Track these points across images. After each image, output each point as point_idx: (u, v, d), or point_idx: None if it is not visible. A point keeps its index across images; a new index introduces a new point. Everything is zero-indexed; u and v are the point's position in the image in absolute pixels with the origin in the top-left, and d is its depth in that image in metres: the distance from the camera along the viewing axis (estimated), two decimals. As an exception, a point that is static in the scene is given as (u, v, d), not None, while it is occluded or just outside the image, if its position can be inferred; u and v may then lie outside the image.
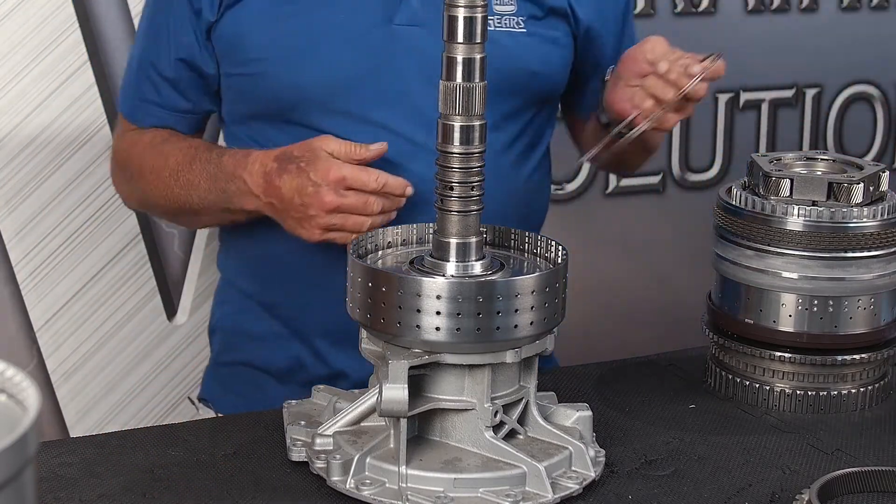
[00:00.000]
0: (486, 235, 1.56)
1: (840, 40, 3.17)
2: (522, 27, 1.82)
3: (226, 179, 1.74)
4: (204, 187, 1.77)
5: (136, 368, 2.57)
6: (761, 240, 1.72)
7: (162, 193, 1.82)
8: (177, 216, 1.93)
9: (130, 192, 1.92)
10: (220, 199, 1.76)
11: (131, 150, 1.87)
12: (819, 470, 1.52)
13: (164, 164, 1.81)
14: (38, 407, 0.76)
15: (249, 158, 1.73)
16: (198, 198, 1.78)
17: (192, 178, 1.78)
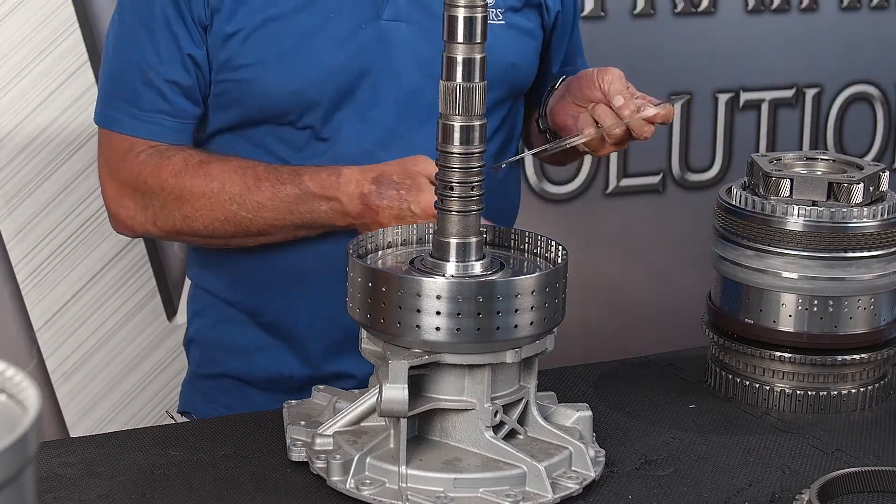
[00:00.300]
0: (486, 235, 1.56)
1: (840, 40, 3.17)
2: (501, 19, 1.84)
3: (314, 199, 1.70)
4: (281, 208, 1.72)
5: (136, 368, 2.57)
6: (761, 240, 1.72)
7: (219, 216, 1.74)
8: (233, 238, 1.79)
9: (157, 217, 1.78)
10: (304, 219, 1.72)
11: (160, 174, 1.76)
12: (819, 470, 1.52)
13: (221, 188, 1.73)
14: (38, 407, 0.76)
15: (342, 179, 1.69)
16: (271, 219, 1.73)
17: (263, 200, 1.72)
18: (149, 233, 1.82)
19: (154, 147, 1.78)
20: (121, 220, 1.83)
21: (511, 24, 1.85)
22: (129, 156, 1.79)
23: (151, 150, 1.78)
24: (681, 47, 3.00)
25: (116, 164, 1.80)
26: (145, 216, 1.79)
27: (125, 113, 1.79)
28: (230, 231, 1.76)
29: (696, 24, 3.00)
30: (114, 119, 1.80)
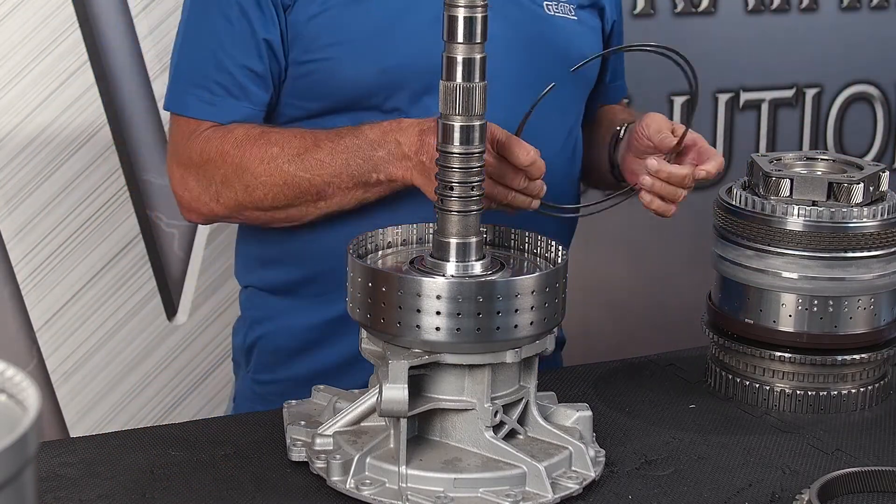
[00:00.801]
0: (486, 235, 1.56)
1: (840, 40, 3.17)
2: (574, 15, 1.88)
3: (372, 147, 1.68)
4: (339, 161, 1.69)
5: (136, 368, 2.57)
6: (761, 240, 1.72)
7: (277, 181, 1.71)
8: (291, 206, 1.75)
9: (219, 193, 1.76)
10: (361, 170, 1.68)
11: (222, 146, 1.74)
12: (819, 470, 1.52)
13: (280, 151, 1.71)
14: (38, 407, 0.76)
15: (402, 123, 1.68)
16: (329, 175, 1.70)
17: (321, 157, 1.69)
18: (214, 213, 1.79)
19: (218, 125, 1.77)
20: (186, 204, 1.81)
21: (582, 21, 1.89)
22: (194, 135, 1.77)
23: (216, 127, 1.77)
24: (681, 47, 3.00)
25: (182, 146, 1.79)
26: (209, 194, 1.77)
27: (196, 97, 1.78)
28: (289, 196, 1.73)
29: (696, 24, 3.00)
30: (184, 103, 1.79)
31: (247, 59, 1.76)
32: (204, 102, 1.77)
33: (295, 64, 1.77)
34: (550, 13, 1.85)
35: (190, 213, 1.82)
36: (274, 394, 1.91)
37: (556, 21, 1.85)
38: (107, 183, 2.46)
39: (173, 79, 1.82)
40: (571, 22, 1.87)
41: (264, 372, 1.94)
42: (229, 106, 1.77)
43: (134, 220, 2.49)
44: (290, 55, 1.77)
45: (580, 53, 1.85)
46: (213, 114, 1.77)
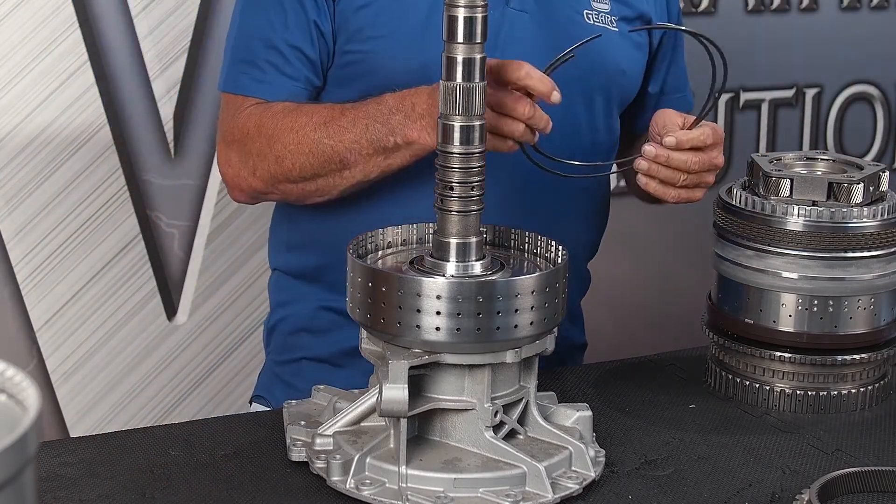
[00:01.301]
0: (486, 235, 1.56)
1: (840, 40, 3.17)
2: (615, 27, 1.88)
3: (390, 111, 1.69)
4: (360, 127, 1.71)
5: (136, 368, 2.57)
6: (761, 240, 1.72)
7: (304, 150, 1.73)
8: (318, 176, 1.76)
9: (255, 166, 1.79)
10: (379, 134, 1.70)
11: (260, 120, 1.77)
12: (819, 470, 1.52)
13: (309, 120, 1.74)
14: (38, 407, 0.76)
15: (419, 88, 1.69)
16: (350, 142, 1.71)
17: (344, 123, 1.72)
18: (253, 188, 1.81)
19: (261, 102, 1.80)
20: (229, 181, 1.83)
21: (623, 33, 1.88)
22: (238, 112, 1.81)
23: (258, 104, 1.80)
24: (681, 47, 3.00)
25: (227, 123, 1.82)
26: (247, 168, 1.79)
27: (246, 75, 1.81)
28: (315, 165, 1.74)
29: (696, 24, 2.99)
30: (234, 82, 1.83)
31: (299, 41, 1.79)
32: (254, 80, 1.81)
33: (339, 53, 1.80)
34: (590, 22, 1.85)
35: (234, 191, 1.85)
36: (289, 374, 1.95)
37: (595, 31, 1.83)
38: (107, 183, 2.46)
39: (226, 61, 1.86)
40: (611, 34, 1.86)
41: (283, 352, 1.97)
42: (279, 83, 1.80)
43: (134, 220, 2.49)
44: (336, 43, 1.80)
45: (616, 67, 1.86)
46: (263, 90, 1.80)
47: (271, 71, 1.80)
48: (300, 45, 1.80)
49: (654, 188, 1.73)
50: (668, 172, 1.71)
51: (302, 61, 1.80)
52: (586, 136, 1.88)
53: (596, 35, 1.72)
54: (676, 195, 1.74)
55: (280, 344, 1.98)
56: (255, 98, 1.81)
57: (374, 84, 1.78)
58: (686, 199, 1.76)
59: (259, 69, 1.81)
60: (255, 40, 1.82)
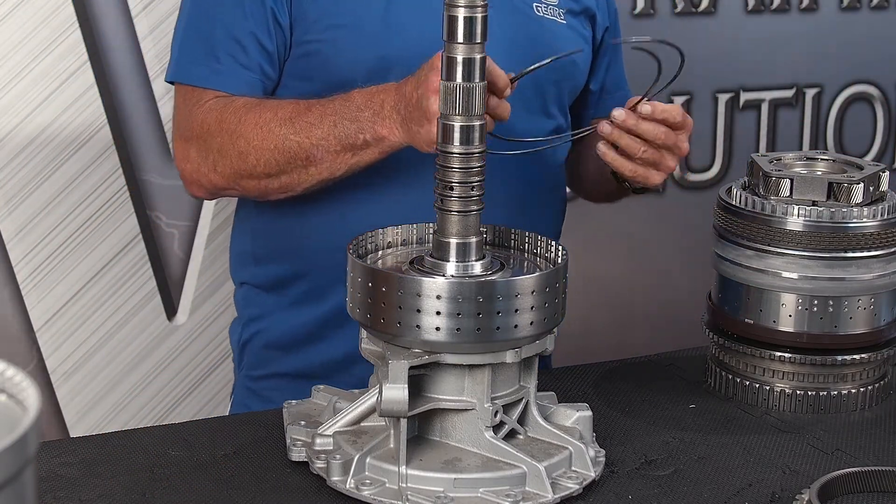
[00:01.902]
0: (486, 235, 1.56)
1: (840, 40, 3.17)
2: (563, 19, 1.89)
3: (358, 108, 1.68)
4: (327, 124, 1.69)
5: (136, 368, 2.57)
6: (761, 240, 1.72)
7: (269, 146, 1.71)
8: (283, 172, 1.74)
9: (217, 162, 1.76)
10: (348, 131, 1.68)
11: (221, 115, 1.74)
12: (819, 470, 1.52)
13: (273, 115, 1.71)
14: (38, 407, 0.76)
15: (387, 85, 1.68)
16: (317, 138, 1.69)
17: (311, 119, 1.70)
18: (214, 184, 1.78)
19: (221, 96, 1.77)
20: (188, 177, 1.80)
21: (571, 26, 1.89)
22: (196, 106, 1.77)
23: (218, 99, 1.77)
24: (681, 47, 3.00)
25: (185, 118, 1.79)
26: (207, 164, 1.76)
27: (202, 65, 1.78)
28: (280, 161, 1.72)
29: (696, 24, 3.00)
30: (188, 72, 1.79)
31: (256, 30, 1.77)
32: (210, 71, 1.77)
33: (296, 44, 1.78)
34: (539, 14, 1.86)
35: (192, 186, 1.82)
36: (266, 389, 1.93)
37: (545, 22, 1.86)
38: (107, 183, 2.46)
39: (176, 51, 1.82)
40: (560, 26, 1.88)
41: (257, 368, 1.95)
42: (236, 73, 1.77)
43: (134, 220, 2.49)
44: (293, 35, 1.78)
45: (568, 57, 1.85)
46: (219, 82, 1.77)
47: (227, 61, 1.77)
48: (257, 34, 1.76)
49: (611, 158, 1.70)
50: (630, 140, 1.68)
51: (258, 52, 1.77)
52: (543, 125, 1.88)
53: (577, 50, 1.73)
54: (633, 169, 1.71)
55: (255, 359, 1.95)
56: (213, 91, 1.77)
57: (332, 76, 1.76)
58: (643, 177, 1.72)
59: (215, 59, 1.77)
60: (210, 29, 1.78)
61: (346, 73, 1.76)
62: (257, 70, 1.78)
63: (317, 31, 1.77)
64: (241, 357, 1.99)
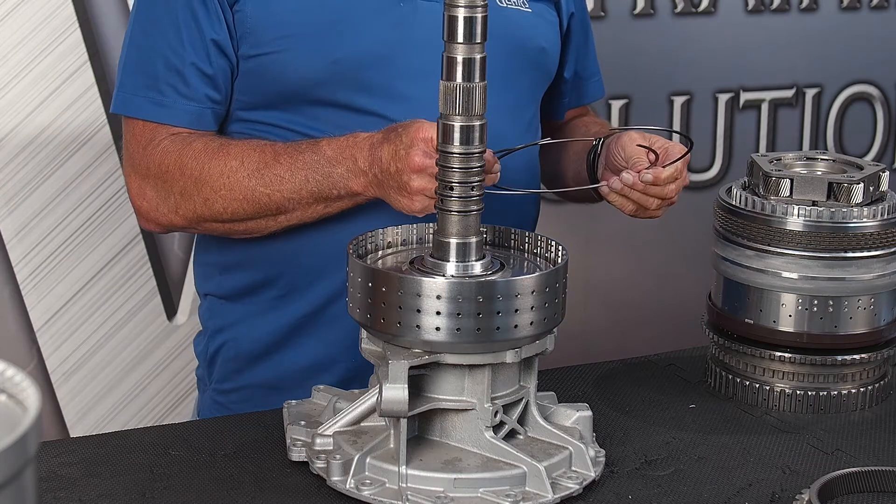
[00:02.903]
0: (486, 235, 1.56)
1: (840, 40, 3.17)
2: (528, 8, 1.88)
3: (330, 164, 1.68)
4: (299, 178, 1.69)
5: (136, 368, 2.57)
6: (761, 240, 1.72)
7: (237, 196, 1.71)
8: (250, 219, 1.75)
9: (178, 205, 1.75)
10: (321, 186, 1.68)
11: (181, 159, 1.73)
12: (819, 470, 1.52)
13: (240, 165, 1.71)
14: (38, 407, 0.76)
15: (357, 138, 1.67)
16: (289, 192, 1.70)
17: (281, 172, 1.69)
18: (172, 224, 1.78)
19: (176, 134, 1.76)
20: (144, 214, 1.79)
21: (536, 13, 1.89)
22: (151, 145, 1.76)
23: (173, 137, 1.75)
24: (681, 47, 3.00)
25: (139, 155, 1.77)
26: (167, 205, 1.76)
27: (146, 98, 1.76)
28: (249, 211, 1.73)
29: (696, 24, 3.00)
30: (134, 105, 1.77)
31: (195, 58, 1.75)
32: (154, 104, 1.76)
33: (244, 58, 1.76)
34: (503, 5, 1.85)
35: (148, 223, 1.81)
36: (236, 402, 1.90)
37: (509, 13, 1.84)
38: (107, 183, 2.46)
39: (120, 81, 1.80)
40: (525, 14, 1.87)
41: (226, 380, 1.92)
42: (180, 106, 1.75)
43: (134, 220, 2.48)
44: (239, 51, 1.76)
45: (536, 45, 1.87)
46: (165, 115, 1.76)
47: (170, 93, 1.75)
48: (198, 63, 1.75)
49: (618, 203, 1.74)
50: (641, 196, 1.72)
51: (200, 80, 1.75)
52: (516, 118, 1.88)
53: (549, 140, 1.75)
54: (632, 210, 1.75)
55: (224, 372, 1.92)
56: (164, 126, 1.76)
57: (284, 84, 1.75)
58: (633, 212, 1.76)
59: (158, 91, 1.76)
60: (152, 60, 1.76)
61: (297, 81, 1.76)
62: (203, 100, 1.76)
63: (265, 44, 1.75)
64: (209, 371, 1.96)
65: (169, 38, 1.75)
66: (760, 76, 3.11)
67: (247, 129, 1.80)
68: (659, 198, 1.72)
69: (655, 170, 1.69)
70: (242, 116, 1.81)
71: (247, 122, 1.81)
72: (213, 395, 1.95)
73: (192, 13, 1.74)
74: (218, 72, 1.76)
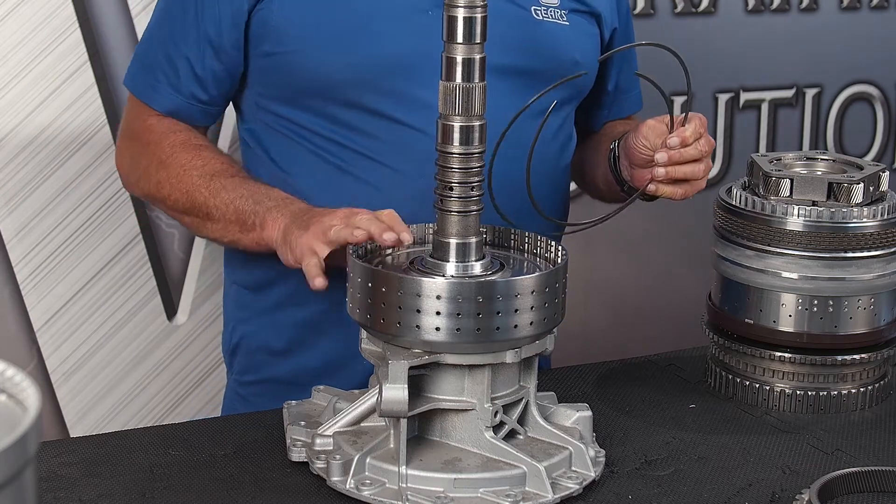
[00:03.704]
0: (486, 235, 1.56)
1: (840, 40, 3.17)
2: (565, 20, 1.88)
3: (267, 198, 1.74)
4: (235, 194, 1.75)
5: (136, 368, 2.57)
6: (761, 240, 1.72)
7: (182, 188, 1.80)
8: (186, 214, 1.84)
9: (139, 179, 1.87)
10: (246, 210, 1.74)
11: (159, 142, 1.84)
12: (819, 470, 1.52)
13: (201, 164, 1.80)
14: (38, 407, 0.76)
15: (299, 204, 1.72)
16: (220, 202, 1.76)
17: (227, 184, 1.77)
18: (133, 192, 1.95)
19: (168, 119, 1.86)
20: (122, 175, 1.93)
21: (574, 25, 1.88)
22: (139, 119, 1.87)
23: (160, 119, 1.86)
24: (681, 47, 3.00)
25: (131, 122, 1.90)
26: (134, 176, 1.89)
27: (142, 79, 1.87)
28: (186, 206, 1.81)
29: (696, 24, 3.00)
30: (133, 81, 1.89)
31: (189, 54, 1.82)
32: (147, 85, 1.86)
33: (265, 56, 1.79)
34: (539, 18, 1.85)
35: (124, 185, 1.96)
36: (256, 395, 1.92)
37: (546, 26, 1.84)
38: (107, 183, 2.46)
39: (133, 57, 1.92)
40: (562, 27, 1.86)
41: (247, 373, 1.95)
42: (165, 94, 1.85)
43: (134, 220, 2.48)
44: (258, 48, 1.80)
45: (570, 58, 1.86)
46: (152, 98, 1.86)
47: (162, 80, 1.85)
48: (190, 58, 1.82)
49: (669, 191, 1.76)
50: (686, 168, 1.74)
51: (189, 76, 1.83)
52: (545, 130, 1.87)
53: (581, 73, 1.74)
54: (683, 192, 1.78)
55: (245, 364, 1.95)
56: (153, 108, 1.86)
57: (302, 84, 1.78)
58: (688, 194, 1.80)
59: (153, 76, 1.86)
60: (157, 47, 1.86)
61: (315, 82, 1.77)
62: (188, 95, 1.84)
63: (285, 43, 1.77)
64: (231, 361, 1.99)
65: (176, 32, 1.83)
66: (760, 76, 3.10)
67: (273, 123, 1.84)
68: (696, 159, 1.74)
69: (678, 131, 1.73)
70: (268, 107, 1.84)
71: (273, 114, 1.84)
72: (235, 386, 1.98)
73: (198, 9, 1.80)
74: (208, 74, 1.83)
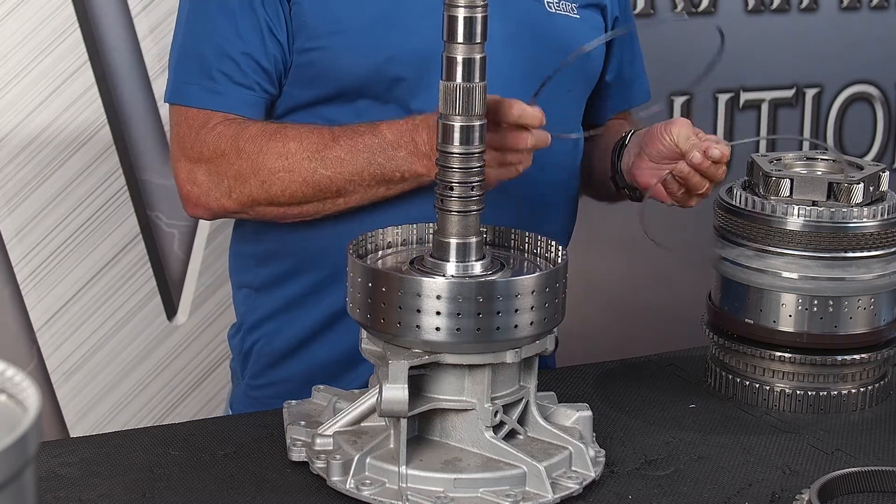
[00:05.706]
0: (486, 235, 1.56)
1: (840, 40, 3.17)
2: (576, 14, 1.89)
3: (392, 147, 1.68)
4: (361, 160, 1.69)
5: (136, 368, 2.57)
6: (761, 240, 1.72)
7: (296, 178, 1.71)
8: (308, 202, 1.74)
9: (232, 188, 1.74)
10: (384, 169, 1.69)
11: (237, 142, 1.73)
12: (819, 470, 1.52)
13: (299, 146, 1.71)
14: (38, 407, 0.76)
15: (416, 121, 1.68)
16: (350, 174, 1.70)
17: (341, 154, 1.70)
18: (224, 209, 1.77)
19: (230, 119, 1.76)
20: (193, 200, 1.78)
21: (584, 19, 1.90)
22: (204, 129, 1.76)
23: (228, 122, 1.75)
24: (681, 47, 3.00)
25: (191, 139, 1.77)
26: (220, 190, 1.75)
27: (199, 86, 1.77)
28: (308, 194, 1.72)
29: (696, 24, 3.00)
30: (186, 94, 1.78)
31: (250, 47, 1.76)
32: (208, 91, 1.76)
33: (297, 52, 1.77)
34: (552, 10, 1.86)
35: (196, 209, 1.80)
36: (269, 396, 1.91)
37: (558, 19, 1.86)
38: (107, 183, 2.46)
39: (173, 71, 1.81)
40: (573, 20, 1.88)
41: (260, 376, 1.93)
42: (232, 92, 1.76)
43: (134, 220, 2.49)
44: (294, 44, 1.77)
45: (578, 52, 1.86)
46: (218, 102, 1.76)
47: (223, 80, 1.76)
48: (251, 51, 1.76)
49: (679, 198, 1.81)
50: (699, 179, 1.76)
51: (254, 69, 1.76)
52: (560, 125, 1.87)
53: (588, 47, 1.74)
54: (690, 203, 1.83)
55: (258, 367, 1.93)
56: (218, 112, 1.76)
57: (334, 81, 1.76)
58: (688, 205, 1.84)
59: (210, 79, 1.76)
60: (204, 49, 1.77)
61: (348, 79, 1.76)
62: (255, 87, 1.77)
63: (317, 38, 1.76)
64: (243, 365, 1.96)
65: (222, 27, 1.76)
66: (760, 76, 3.11)
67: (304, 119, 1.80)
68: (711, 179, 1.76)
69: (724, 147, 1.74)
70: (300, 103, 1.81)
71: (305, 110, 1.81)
72: (247, 389, 1.96)
73: (250, 3, 1.75)
74: (272, 63, 1.77)
